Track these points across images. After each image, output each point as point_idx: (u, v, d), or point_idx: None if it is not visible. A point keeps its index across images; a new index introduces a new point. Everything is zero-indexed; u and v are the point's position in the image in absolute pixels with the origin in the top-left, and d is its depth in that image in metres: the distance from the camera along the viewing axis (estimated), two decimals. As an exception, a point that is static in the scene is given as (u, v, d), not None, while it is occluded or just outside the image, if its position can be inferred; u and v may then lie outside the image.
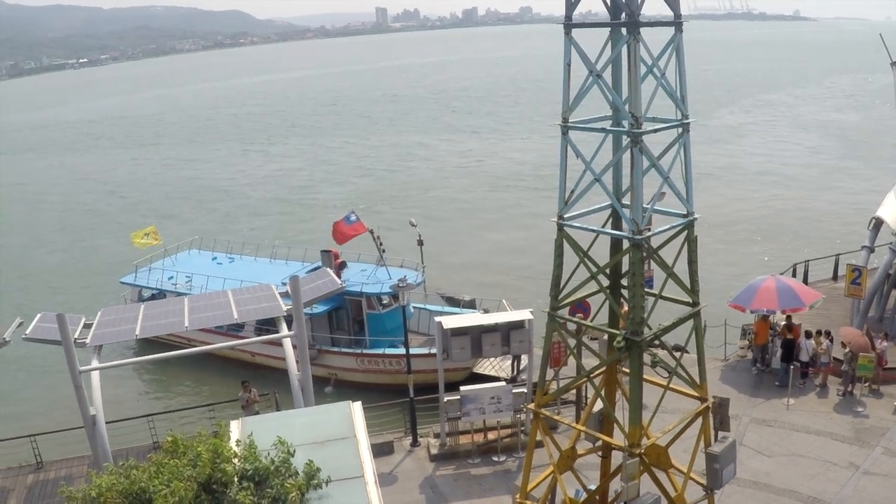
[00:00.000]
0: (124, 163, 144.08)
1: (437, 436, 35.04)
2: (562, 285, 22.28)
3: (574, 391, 33.01)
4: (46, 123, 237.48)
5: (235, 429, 19.41)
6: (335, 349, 46.15)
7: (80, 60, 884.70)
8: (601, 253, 22.06)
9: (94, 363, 32.28)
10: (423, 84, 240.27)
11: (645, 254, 20.41)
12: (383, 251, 48.21)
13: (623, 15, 19.88)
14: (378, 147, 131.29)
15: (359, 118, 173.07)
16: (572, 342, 25.35)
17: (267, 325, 43.81)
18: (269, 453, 16.19)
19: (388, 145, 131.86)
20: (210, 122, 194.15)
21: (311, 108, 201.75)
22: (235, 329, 46.83)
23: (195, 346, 47.07)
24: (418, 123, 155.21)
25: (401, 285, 34.26)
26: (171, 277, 54.32)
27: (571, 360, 31.82)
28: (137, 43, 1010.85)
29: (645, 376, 21.49)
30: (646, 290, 21.01)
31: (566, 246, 21.73)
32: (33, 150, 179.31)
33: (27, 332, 34.65)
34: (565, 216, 21.54)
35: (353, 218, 50.02)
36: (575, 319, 25.57)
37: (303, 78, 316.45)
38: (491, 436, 34.48)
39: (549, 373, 25.05)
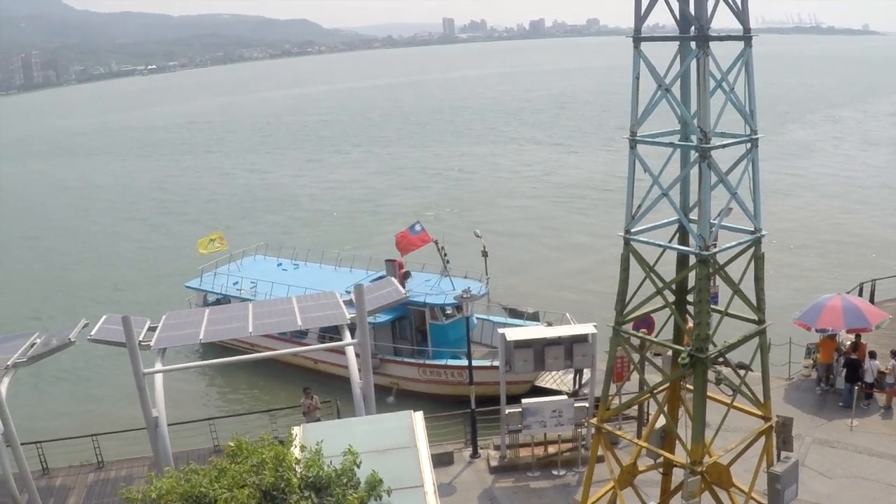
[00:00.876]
0: (192, 168, 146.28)
1: (497, 448, 34.90)
2: (627, 300, 22.18)
3: (635, 406, 32.75)
4: (116, 128, 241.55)
5: (297, 435, 19.50)
6: (397, 359, 46.20)
7: (149, 67, 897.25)
8: (667, 268, 21.92)
9: (158, 366, 32.54)
10: (489, 95, 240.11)
11: (711, 270, 20.26)
12: (447, 262, 48.22)
13: (692, 28, 19.78)
14: (444, 157, 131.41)
15: (424, 128, 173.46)
16: (636, 357, 25.17)
17: (330, 333, 44.06)
18: (331, 461, 16.21)
19: (454, 156, 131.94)
20: (276, 130, 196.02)
21: (377, 118, 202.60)
22: (298, 336, 47.15)
23: (258, 352, 47.57)
24: (484, 135, 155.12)
25: (465, 296, 34.21)
26: (236, 283, 54.86)
27: (633, 375, 31.60)
28: (205, 50, 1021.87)
29: (708, 393, 21.32)
30: (711, 306, 20.84)
31: (632, 260, 21.63)
32: (103, 153, 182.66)
33: (92, 333, 34.95)
34: (632, 231, 21.44)
35: (418, 228, 50.11)
36: (639, 335, 25.36)
37: (369, 88, 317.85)
38: (551, 449, 34.28)
39: (612, 388, 24.94)
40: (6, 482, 32.74)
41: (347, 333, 32.96)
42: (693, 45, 19.50)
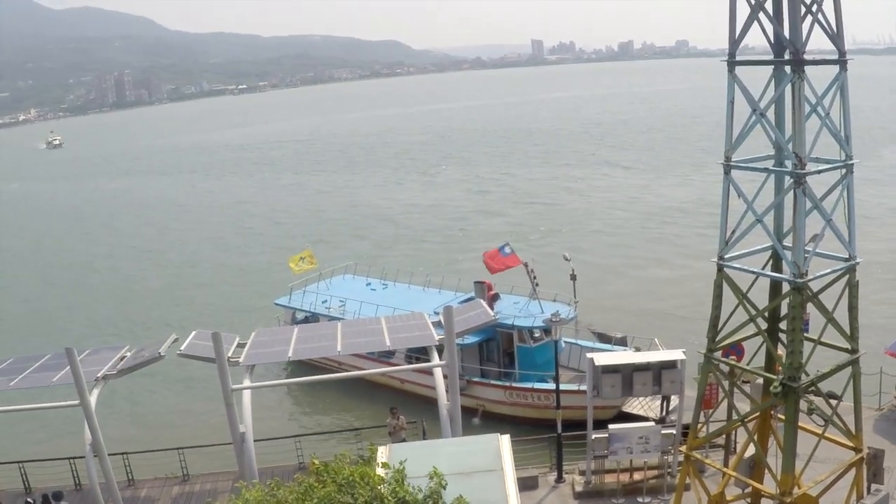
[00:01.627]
0: (284, 187, 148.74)
1: (582, 473, 34.67)
2: (719, 327, 21.97)
3: (722, 434, 32.32)
4: (208, 146, 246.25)
5: (383, 455, 19.59)
6: (484, 381, 46.09)
7: (240, 86, 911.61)
8: (760, 295, 21.66)
9: (246, 382, 33.00)
10: (578, 117, 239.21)
11: (805, 298, 19.98)
12: (536, 284, 48.01)
13: (787, 53, 19.58)
14: (533, 179, 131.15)
15: (513, 150, 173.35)
16: (726, 385, 24.82)
17: (417, 353, 44.20)
18: (414, 483, 16.24)
19: (543, 178, 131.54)
20: (366, 150, 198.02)
21: (466, 139, 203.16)
22: (386, 355, 47.43)
23: (345, 370, 47.82)
24: (573, 157, 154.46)
25: (554, 320, 34.11)
26: (325, 301, 55.35)
27: (721, 403, 31.22)
28: (296, 71, 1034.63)
29: (799, 423, 21.00)
30: (804, 334, 20.55)
31: (725, 287, 21.43)
32: (196, 172, 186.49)
33: (182, 348, 35.62)
34: (725, 257, 21.24)
35: (507, 250, 50.03)
36: (731, 362, 25.05)
37: (458, 109, 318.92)
38: (637, 476, 33.94)
39: (701, 415, 24.67)
40: (93, 491, 33.38)
41: (436, 354, 33.07)
42: (788, 69, 19.30)
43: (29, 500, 35.06)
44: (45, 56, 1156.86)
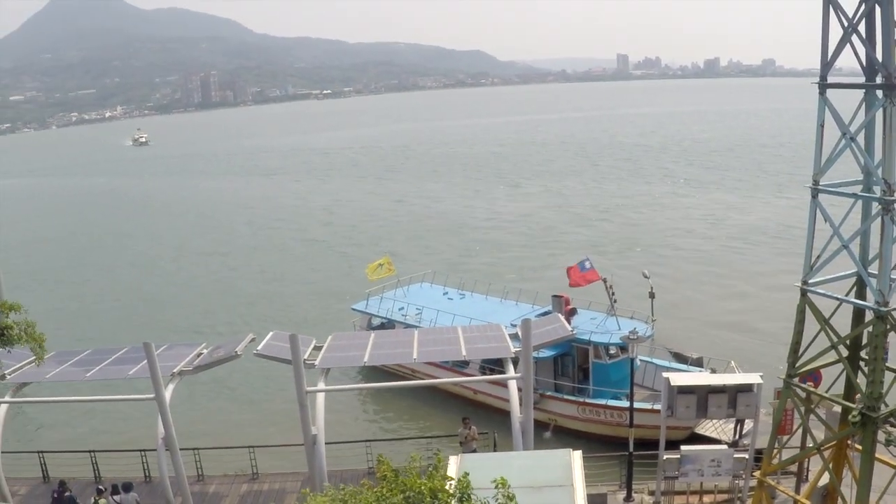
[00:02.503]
0: (366, 192, 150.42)
1: (651, 493, 34.45)
2: (800, 352, 21.74)
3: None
4: (293, 149, 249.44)
5: (453, 464, 19.66)
6: (558, 395, 45.90)
7: (324, 91, 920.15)
8: (842, 321, 21.39)
9: (321, 385, 33.42)
10: (662, 134, 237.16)
11: (889, 326, 19.70)
12: (615, 301, 47.73)
13: (879, 76, 19.34)
14: (614, 195, 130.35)
15: (595, 165, 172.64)
16: (802, 411, 24.50)
17: (491, 365, 44.23)
18: (482, 495, 16.26)
19: (625, 193, 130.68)
20: (448, 159, 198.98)
21: (548, 152, 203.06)
22: (460, 365, 47.54)
23: (418, 378, 48.19)
24: (655, 173, 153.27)
25: (631, 337, 33.95)
26: (402, 308, 55.56)
27: (797, 429, 30.79)
28: (380, 78, 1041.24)
29: (876, 454, 20.69)
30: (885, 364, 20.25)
31: (807, 312, 21.19)
32: (281, 174, 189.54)
33: (258, 348, 35.89)
34: (809, 282, 21.01)
35: (587, 265, 49.85)
36: (809, 389, 24.72)
37: (541, 121, 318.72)
38: (707, 499, 33.66)
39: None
40: (162, 484, 34.11)
41: (511, 367, 33.08)
42: (879, 93, 19.07)
43: (100, 487, 35.72)
44: (133, 54, 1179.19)
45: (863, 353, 22.02)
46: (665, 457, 32.69)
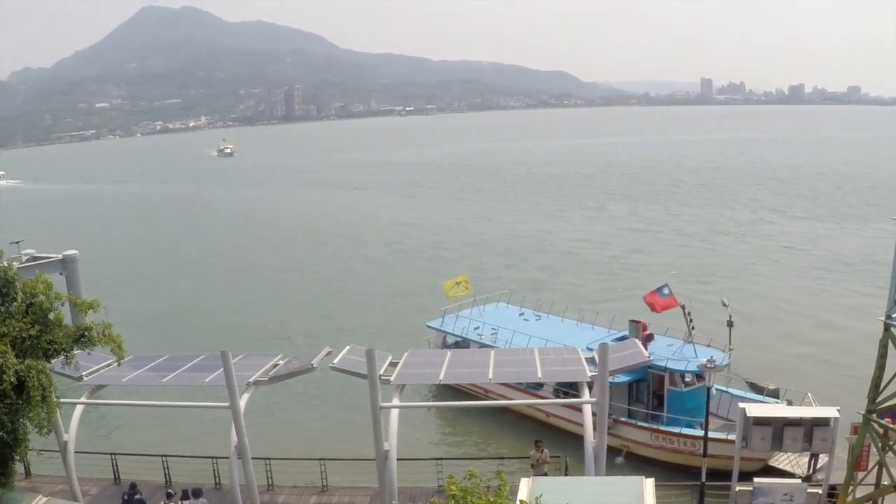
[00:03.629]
0: (445, 210, 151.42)
1: (723, 524, 34.20)
2: (881, 387, 21.59)
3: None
4: (374, 164, 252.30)
5: (525, 487, 19.80)
6: (631, 421, 45.57)
7: (407, 108, 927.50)
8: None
9: (395, 401, 33.75)
10: (745, 160, 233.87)
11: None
12: (692, 328, 47.38)
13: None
14: (694, 220, 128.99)
15: (676, 189, 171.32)
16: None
17: (564, 388, 44.25)
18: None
19: (705, 219, 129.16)
20: (529, 179, 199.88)
21: (629, 175, 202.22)
22: (534, 387, 47.56)
23: (491, 397, 48.37)
24: (736, 200, 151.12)
25: (708, 366, 33.79)
26: (478, 328, 55.67)
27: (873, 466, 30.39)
28: (463, 96, 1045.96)
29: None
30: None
31: (890, 346, 21.06)
32: (360, 188, 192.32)
33: (334, 361, 36.36)
34: (893, 316, 20.88)
35: (666, 291, 49.60)
36: (888, 425, 24.50)
37: (624, 144, 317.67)
38: (777, 533, 33.29)
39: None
40: (232, 492, 34.63)
41: (586, 391, 33.10)
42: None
43: (169, 491, 36.38)
44: (218, 66, 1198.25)
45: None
46: (738, 488, 32.41)
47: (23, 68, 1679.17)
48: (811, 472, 40.43)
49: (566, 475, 36.71)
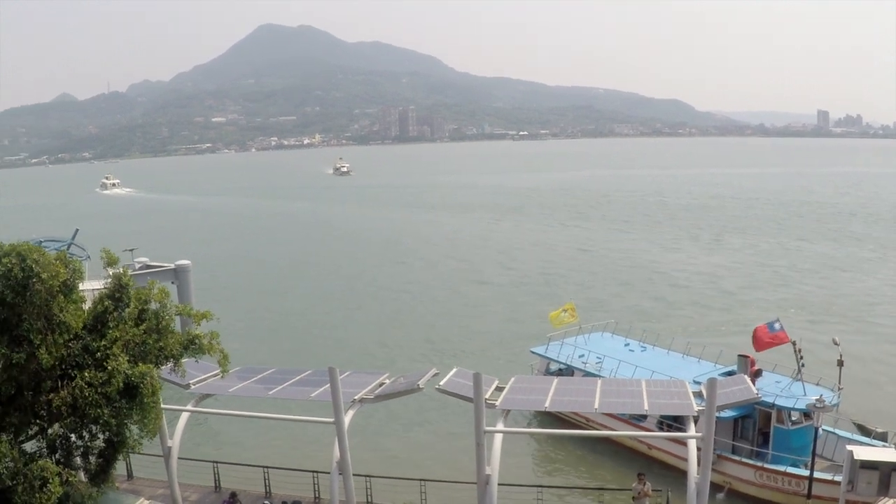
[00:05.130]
0: (555, 236, 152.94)
1: (825, 567, 33.77)
2: None
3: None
4: (488, 188, 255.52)
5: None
6: (734, 457, 45.09)
7: (521, 133, 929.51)
8: None
9: (500, 426, 33.99)
10: (865, 195, 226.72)
11: None
12: (802, 365, 46.77)
13: None
14: (808, 256, 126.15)
15: (789, 223, 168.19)
16: None
17: (668, 421, 44.12)
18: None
19: (819, 255, 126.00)
20: (643, 208, 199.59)
21: (743, 206, 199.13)
22: (637, 418, 47.46)
23: (593, 427, 48.36)
24: (859, 237, 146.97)
25: (817, 405, 33.48)
26: (582, 356, 55.74)
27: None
28: (577, 122, 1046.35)
29: None
30: None
31: None
32: (473, 211, 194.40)
33: (441, 383, 36.65)
34: None
35: (777, 326, 49.02)
36: None
37: (738, 175, 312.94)
38: (879, 581, 32.81)
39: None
40: None
41: (692, 425, 32.99)
42: None
43: (265, 502, 37.17)
44: (334, 85, 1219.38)
45: None
46: (842, 533, 32.09)
47: (142, 81, 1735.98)
48: (916, 520, 39.71)
49: (668, 510, 36.70)
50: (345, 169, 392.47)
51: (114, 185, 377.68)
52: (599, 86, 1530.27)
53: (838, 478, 35.41)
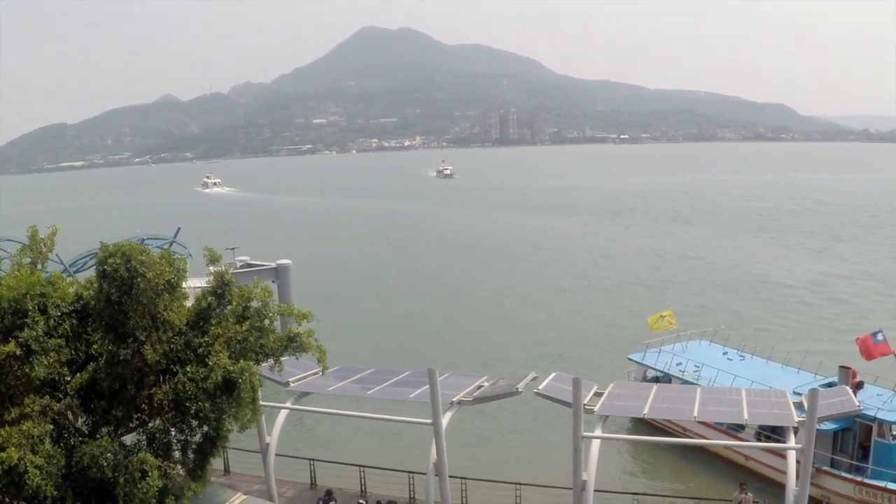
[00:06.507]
0: (656, 241, 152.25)
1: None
2: None
3: None
4: (589, 191, 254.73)
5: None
6: (834, 471, 44.09)
7: (621, 136, 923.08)
8: None
9: (598, 432, 33.83)
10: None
11: None
12: (906, 378, 45.78)
13: None
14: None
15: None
16: None
17: (766, 432, 43.46)
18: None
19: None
20: (746, 214, 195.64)
21: (852, 214, 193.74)
22: (734, 428, 46.81)
23: (688, 434, 47.84)
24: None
25: (921, 419, 32.73)
26: (680, 364, 55.20)
27: None
28: (678, 126, 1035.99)
29: None
30: None
31: None
32: (574, 214, 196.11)
33: (540, 387, 36.73)
34: None
35: (880, 337, 48.01)
36: None
37: (843, 181, 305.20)
38: None
39: None
40: None
41: (791, 436, 32.48)
42: None
43: (361, 501, 37.52)
44: (434, 87, 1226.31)
45: None
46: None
47: (244, 83, 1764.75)
48: None
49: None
50: (448, 171, 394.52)
51: (215, 184, 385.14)
52: (701, 89, 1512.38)
53: (942, 496, 34.48)
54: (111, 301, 24.39)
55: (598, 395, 36.60)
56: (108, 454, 24.04)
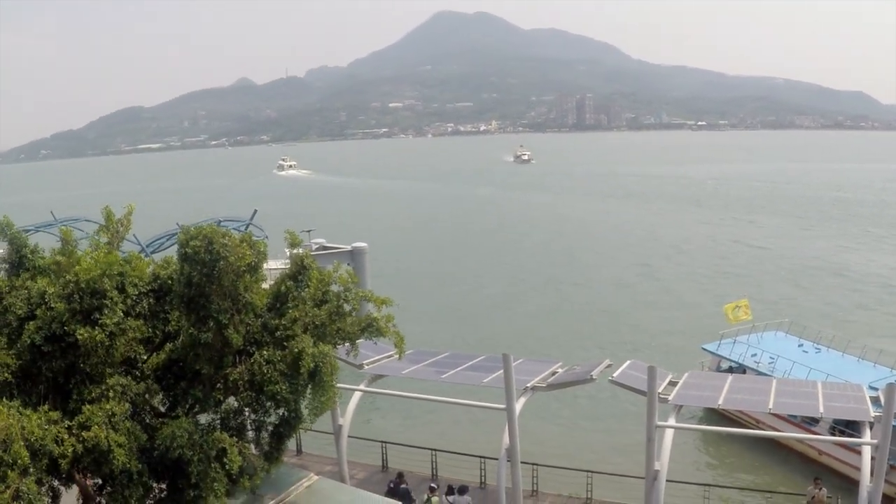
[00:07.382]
0: (733, 230, 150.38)
1: None
2: None
3: None
4: (667, 178, 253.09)
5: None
6: (909, 467, 43.62)
7: (699, 123, 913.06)
8: None
9: (671, 421, 33.52)
10: None
11: None
12: (984, 374, 44.85)
13: None
14: None
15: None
16: None
17: (840, 426, 42.85)
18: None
19: None
20: (826, 204, 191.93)
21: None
22: (808, 422, 46.23)
23: (760, 426, 47.21)
24: None
25: None
26: (755, 355, 54.59)
27: None
28: (757, 113, 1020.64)
29: None
30: None
31: None
32: (652, 201, 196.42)
33: (614, 375, 36.36)
34: None
35: (961, 332, 47.27)
36: None
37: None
38: None
39: None
40: (497, 494, 35.29)
41: (867, 432, 32.01)
42: None
43: (432, 486, 37.63)
44: (509, 72, 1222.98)
45: None
46: None
47: (319, 67, 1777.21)
48: None
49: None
50: (526, 157, 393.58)
51: (290, 166, 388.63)
52: (779, 76, 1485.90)
53: None
54: (192, 283, 24.65)
55: (672, 384, 36.34)
56: (186, 433, 24.33)
